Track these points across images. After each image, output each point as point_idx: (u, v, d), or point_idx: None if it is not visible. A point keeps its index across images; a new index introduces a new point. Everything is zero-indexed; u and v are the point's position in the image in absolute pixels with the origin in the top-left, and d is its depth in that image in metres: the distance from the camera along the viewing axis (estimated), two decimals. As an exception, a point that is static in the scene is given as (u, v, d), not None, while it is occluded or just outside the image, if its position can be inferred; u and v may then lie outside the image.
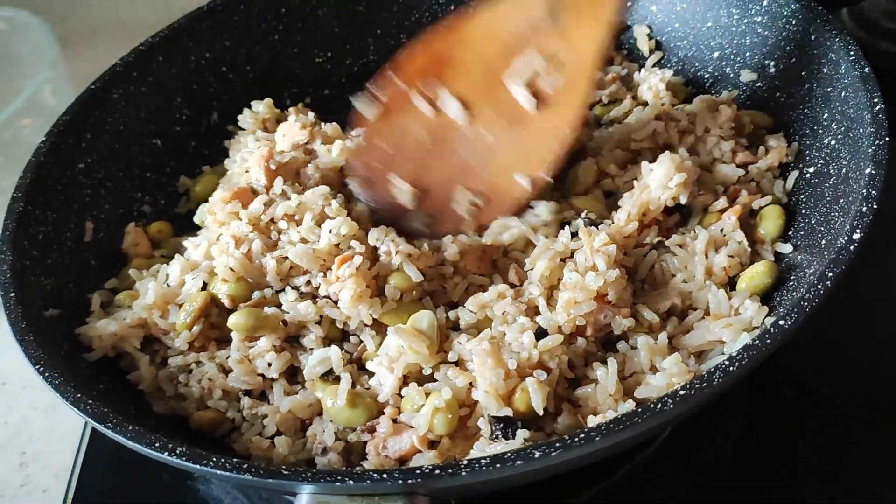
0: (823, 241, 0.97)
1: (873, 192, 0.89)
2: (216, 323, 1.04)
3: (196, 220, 1.21)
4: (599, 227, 1.03)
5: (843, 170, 0.99)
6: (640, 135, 1.14)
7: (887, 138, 0.93)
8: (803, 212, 1.05)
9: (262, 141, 1.25)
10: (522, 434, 0.87)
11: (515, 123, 0.99)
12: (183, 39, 1.34)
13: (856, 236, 0.86)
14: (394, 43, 1.43)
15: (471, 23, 1.03)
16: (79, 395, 0.86)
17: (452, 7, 1.42)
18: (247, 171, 1.18)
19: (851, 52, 1.04)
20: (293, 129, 1.23)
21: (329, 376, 0.98)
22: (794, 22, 1.14)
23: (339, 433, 0.95)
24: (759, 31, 1.20)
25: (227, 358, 1.00)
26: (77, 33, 1.82)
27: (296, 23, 1.41)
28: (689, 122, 1.14)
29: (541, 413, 0.88)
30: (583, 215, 1.06)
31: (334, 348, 0.98)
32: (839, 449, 1.04)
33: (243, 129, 1.33)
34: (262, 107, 1.33)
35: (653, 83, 1.24)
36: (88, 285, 1.10)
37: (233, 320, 1.00)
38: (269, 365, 0.99)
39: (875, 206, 0.88)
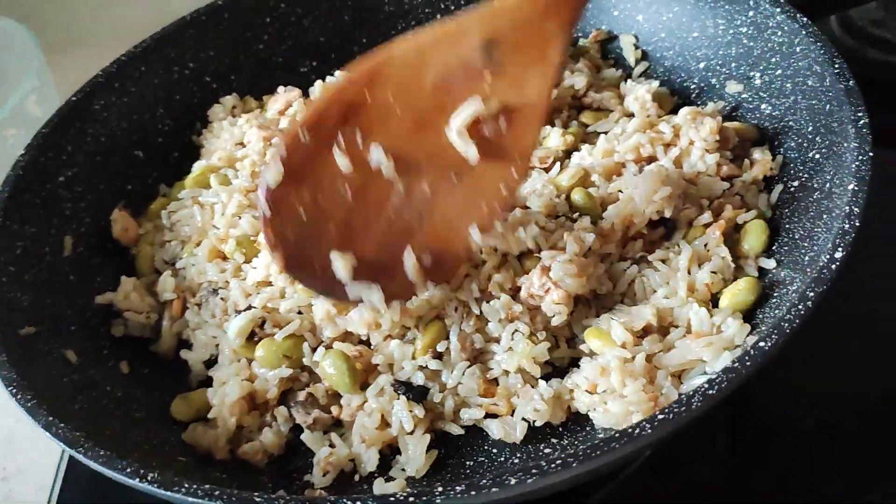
0: (807, 258, 0.96)
1: (856, 209, 0.88)
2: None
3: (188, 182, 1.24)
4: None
5: (827, 184, 0.98)
6: (624, 147, 1.13)
7: (871, 154, 0.92)
8: (787, 226, 1.04)
9: (251, 114, 1.33)
10: None
11: (458, 174, 0.89)
12: (166, 49, 1.33)
13: (838, 255, 0.85)
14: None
15: (391, 62, 0.90)
16: (51, 419, 0.85)
17: (438, 16, 1.41)
18: (238, 144, 1.28)
19: (836, 65, 1.03)
20: (281, 97, 1.34)
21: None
22: (778, 33, 1.13)
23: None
24: (745, 41, 1.19)
25: None
26: (62, 41, 1.80)
27: (281, 32, 1.40)
28: (673, 134, 1.13)
29: None
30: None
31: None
32: (821, 460, 1.03)
33: (211, 122, 1.35)
34: (230, 98, 1.36)
35: (639, 94, 1.22)
36: (67, 301, 1.09)
37: (259, 353, 1.03)
38: None
39: (857, 224, 0.87)
